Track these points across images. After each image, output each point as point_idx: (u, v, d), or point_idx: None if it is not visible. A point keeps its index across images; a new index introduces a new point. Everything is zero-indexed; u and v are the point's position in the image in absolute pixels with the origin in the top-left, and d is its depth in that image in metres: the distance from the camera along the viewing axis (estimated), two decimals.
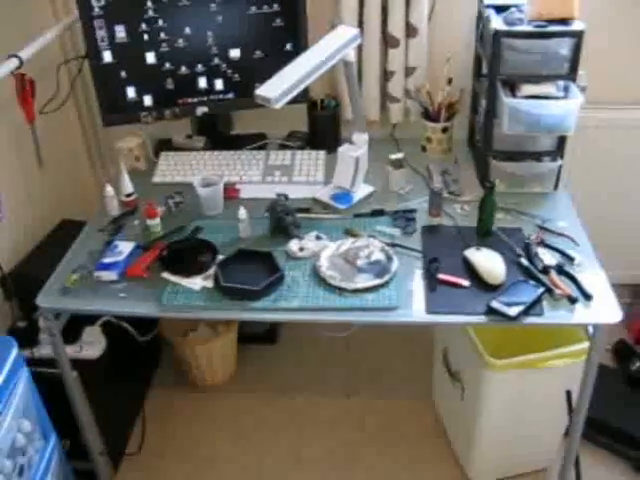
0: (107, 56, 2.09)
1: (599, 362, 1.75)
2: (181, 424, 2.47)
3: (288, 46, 2.20)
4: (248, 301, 1.71)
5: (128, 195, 2.06)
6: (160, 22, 2.08)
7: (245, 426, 2.46)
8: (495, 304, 1.64)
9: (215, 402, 2.55)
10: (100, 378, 2.07)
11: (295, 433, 2.43)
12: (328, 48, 1.79)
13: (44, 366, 1.89)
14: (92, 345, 2.06)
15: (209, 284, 1.76)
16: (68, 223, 2.33)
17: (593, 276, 1.75)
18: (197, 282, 1.77)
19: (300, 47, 2.16)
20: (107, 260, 1.82)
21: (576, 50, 1.87)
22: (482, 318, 1.65)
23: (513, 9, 1.95)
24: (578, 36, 1.85)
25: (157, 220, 1.93)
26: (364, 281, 1.75)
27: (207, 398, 2.56)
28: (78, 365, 1.94)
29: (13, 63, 1.85)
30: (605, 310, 1.65)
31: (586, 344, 1.79)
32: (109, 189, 2.02)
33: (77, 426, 2.01)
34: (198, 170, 2.21)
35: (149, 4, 2.04)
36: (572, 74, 1.91)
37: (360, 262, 1.80)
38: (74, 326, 1.96)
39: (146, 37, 2.09)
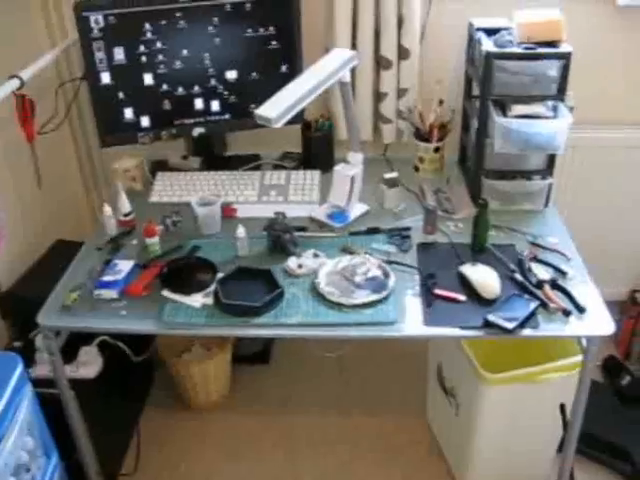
0: (105, 77, 2.12)
1: (590, 378, 1.78)
2: (176, 444, 2.46)
3: (283, 68, 2.25)
4: (249, 317, 1.72)
5: (126, 215, 2.07)
6: (158, 44, 2.11)
7: (240, 446, 2.46)
8: (492, 317, 1.68)
9: (210, 422, 2.55)
10: (96, 398, 2.07)
11: (290, 452, 2.43)
12: (326, 69, 1.83)
13: (40, 386, 1.87)
14: (89, 365, 2.06)
15: (209, 301, 1.78)
16: (63, 243, 2.35)
17: (585, 290, 1.79)
18: (197, 299, 1.78)
19: (295, 69, 2.21)
20: (107, 278, 1.83)
21: (564, 71, 1.93)
22: (479, 331, 1.68)
23: (503, 32, 2.01)
24: (566, 58, 1.91)
25: (156, 239, 1.95)
26: (362, 297, 1.77)
27: (202, 418, 2.56)
28: (75, 385, 1.93)
29: (14, 83, 1.87)
30: (598, 322, 1.69)
31: (579, 357, 1.83)
32: (107, 209, 2.04)
33: (72, 446, 1.99)
34: (194, 190, 2.23)
35: (147, 26, 2.08)
36: (560, 94, 1.97)
37: (358, 278, 1.83)
38: (70, 346, 1.96)
39: (144, 59, 2.12)
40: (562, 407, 2.02)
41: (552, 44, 1.95)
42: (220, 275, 1.85)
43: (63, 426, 1.92)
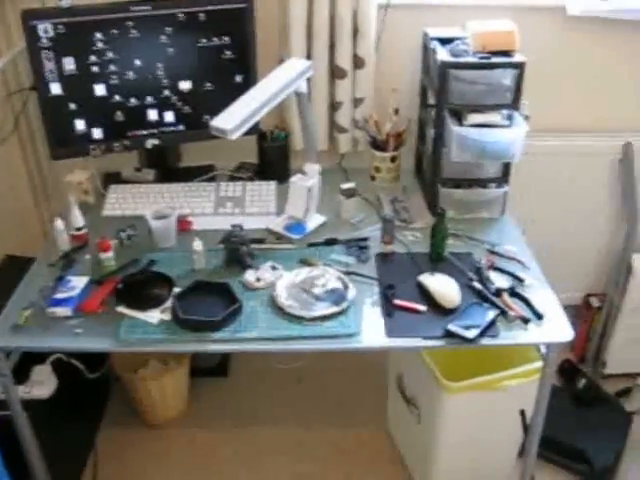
0: (55, 88, 2.06)
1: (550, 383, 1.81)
2: (134, 462, 2.40)
3: (238, 78, 2.22)
4: (207, 333, 1.69)
5: (78, 229, 2.02)
6: (110, 54, 2.06)
7: (199, 461, 2.41)
8: (452, 327, 1.68)
9: (168, 438, 2.50)
10: (51, 418, 2.01)
11: (250, 466, 2.39)
12: (282, 79, 1.82)
13: None
14: (42, 385, 2.00)
15: (167, 317, 1.74)
16: (12, 259, 2.28)
17: (543, 297, 1.81)
18: (154, 315, 1.75)
19: (250, 79, 2.19)
20: (60, 295, 1.78)
21: (518, 80, 1.95)
22: (440, 341, 1.68)
23: (457, 41, 2.02)
24: (520, 67, 1.93)
25: (110, 254, 1.90)
26: (322, 309, 1.76)
27: (160, 434, 2.51)
28: (28, 406, 1.87)
29: None
30: (557, 329, 1.71)
31: (538, 363, 1.85)
32: (59, 223, 1.98)
33: (25, 470, 1.93)
34: (149, 203, 2.18)
35: (98, 36, 2.03)
36: (515, 103, 1.99)
37: (317, 291, 1.81)
38: (22, 365, 1.90)
39: (95, 69, 2.07)
40: (522, 413, 2.04)
41: (506, 53, 1.97)
42: (177, 290, 1.81)
43: (15, 449, 1.86)
